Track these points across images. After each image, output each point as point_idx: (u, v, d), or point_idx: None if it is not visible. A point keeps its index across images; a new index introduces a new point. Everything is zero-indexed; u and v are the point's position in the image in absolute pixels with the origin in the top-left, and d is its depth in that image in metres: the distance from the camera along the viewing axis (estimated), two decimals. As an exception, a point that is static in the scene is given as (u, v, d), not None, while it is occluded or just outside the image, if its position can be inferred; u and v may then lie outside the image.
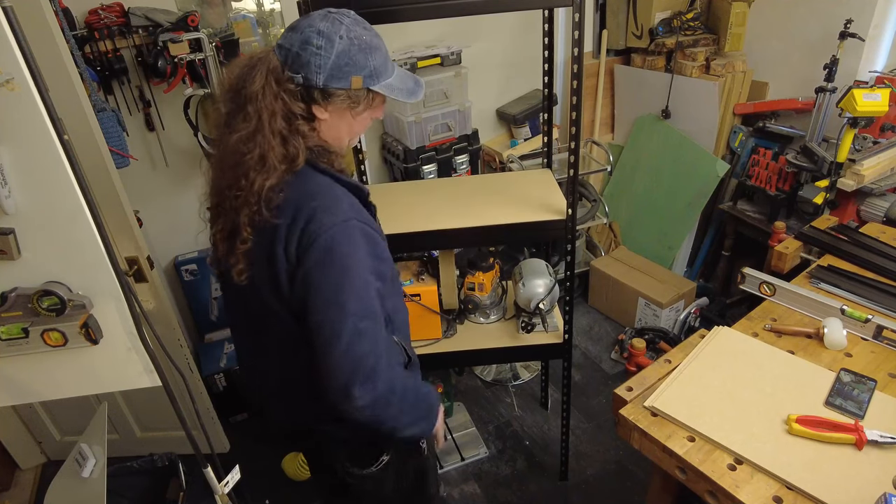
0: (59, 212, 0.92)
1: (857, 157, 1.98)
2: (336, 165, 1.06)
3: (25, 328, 0.98)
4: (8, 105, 0.83)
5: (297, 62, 0.97)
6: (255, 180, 0.96)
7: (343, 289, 0.96)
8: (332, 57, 0.97)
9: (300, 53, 0.96)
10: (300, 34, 0.97)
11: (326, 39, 0.96)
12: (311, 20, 0.98)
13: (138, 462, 1.72)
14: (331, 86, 0.99)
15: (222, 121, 1.02)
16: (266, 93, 0.96)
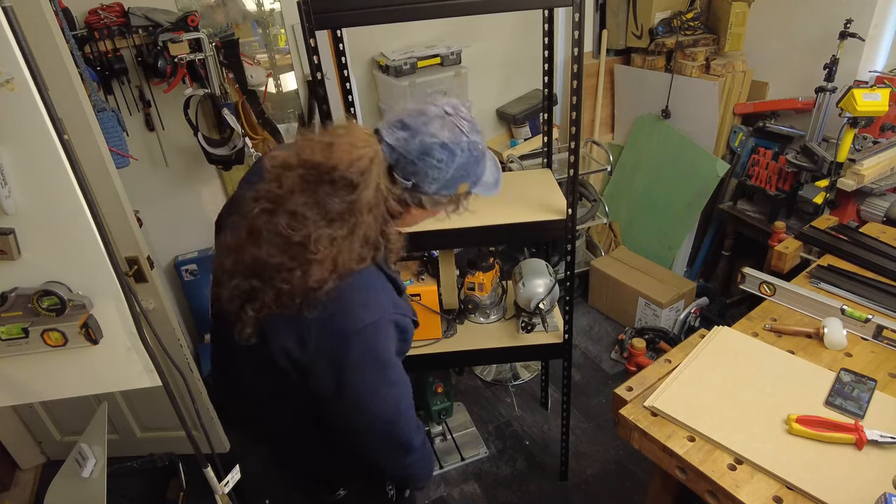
0: (59, 212, 0.92)
1: (857, 157, 1.98)
2: (390, 259, 1.00)
3: (25, 328, 0.98)
4: (8, 105, 0.83)
5: (412, 170, 0.91)
6: (313, 275, 0.86)
7: (380, 384, 0.95)
8: (451, 171, 0.92)
9: (417, 163, 0.90)
10: (418, 141, 0.90)
11: (448, 153, 0.91)
12: (430, 124, 0.90)
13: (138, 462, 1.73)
14: (440, 194, 0.95)
15: (292, 187, 0.86)
16: (375, 202, 0.88)
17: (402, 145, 0.90)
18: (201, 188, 2.40)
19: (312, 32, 1.31)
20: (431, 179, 0.92)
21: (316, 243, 0.85)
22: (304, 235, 0.85)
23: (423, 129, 0.90)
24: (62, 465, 1.36)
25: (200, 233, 2.47)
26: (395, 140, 0.91)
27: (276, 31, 2.29)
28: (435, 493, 2.10)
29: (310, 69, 1.37)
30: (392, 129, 0.92)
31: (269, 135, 2.16)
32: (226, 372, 1.20)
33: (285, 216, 0.85)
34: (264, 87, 2.17)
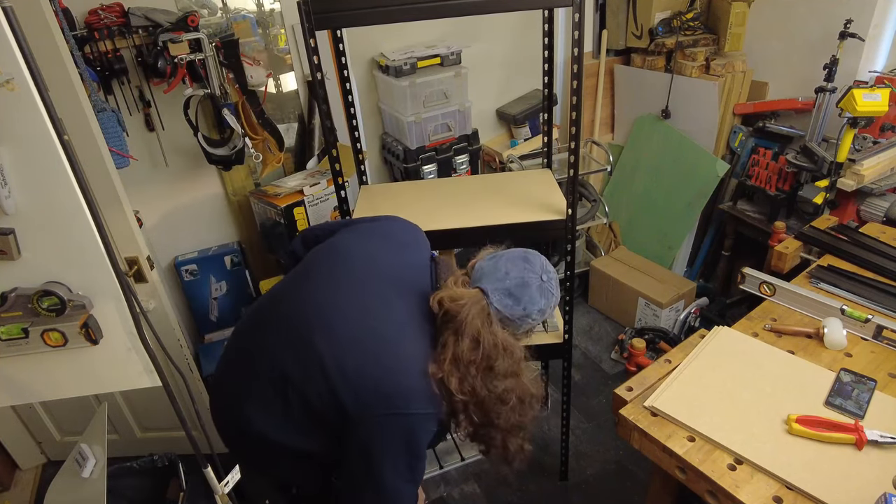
0: (59, 212, 0.92)
1: (857, 157, 1.98)
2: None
3: (25, 328, 0.98)
4: (8, 105, 0.83)
5: (510, 325, 1.11)
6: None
7: (404, 469, 1.06)
8: (535, 322, 1.14)
9: (518, 322, 1.11)
10: (522, 308, 1.10)
11: (541, 314, 1.13)
12: (532, 295, 1.10)
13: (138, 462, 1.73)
14: (524, 329, 1.16)
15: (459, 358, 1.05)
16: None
17: (507, 311, 1.09)
18: (201, 188, 2.40)
19: (312, 32, 1.31)
20: (524, 330, 1.15)
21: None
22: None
23: (527, 301, 1.10)
24: (62, 466, 1.36)
25: (200, 233, 2.47)
26: (503, 306, 1.09)
27: (276, 32, 2.29)
28: (435, 493, 2.10)
29: (310, 69, 1.37)
30: (499, 295, 1.09)
31: (269, 135, 2.16)
32: (231, 382, 1.20)
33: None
34: (264, 87, 2.17)
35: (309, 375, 1.02)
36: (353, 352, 1.03)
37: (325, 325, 1.06)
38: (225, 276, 2.50)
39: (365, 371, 1.01)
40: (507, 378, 1.07)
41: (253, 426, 1.07)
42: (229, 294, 2.54)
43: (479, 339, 1.04)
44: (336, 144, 1.50)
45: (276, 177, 2.41)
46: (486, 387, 1.05)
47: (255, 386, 1.09)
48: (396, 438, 1.01)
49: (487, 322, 1.06)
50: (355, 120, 1.75)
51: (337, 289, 1.12)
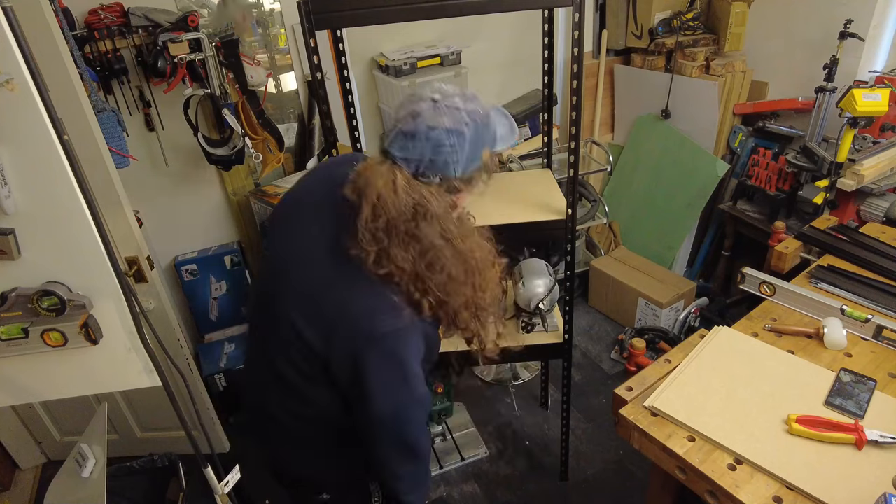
0: (58, 212, 0.92)
1: (857, 157, 1.98)
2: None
3: (25, 328, 0.98)
4: (8, 105, 0.83)
5: (434, 167, 0.93)
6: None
7: (401, 387, 0.98)
8: (467, 147, 0.94)
9: (434, 159, 0.93)
10: (424, 140, 0.92)
11: (457, 134, 0.92)
12: (425, 119, 0.92)
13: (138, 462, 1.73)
14: (469, 171, 0.97)
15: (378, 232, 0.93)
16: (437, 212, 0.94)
17: (413, 153, 0.93)
18: (201, 188, 2.40)
19: (312, 32, 1.31)
20: (454, 164, 0.94)
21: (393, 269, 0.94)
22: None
23: (423, 128, 0.92)
24: (62, 466, 1.36)
25: (200, 233, 2.47)
26: (404, 152, 0.93)
27: (276, 31, 2.29)
28: (435, 493, 2.10)
29: (310, 69, 1.37)
30: (396, 143, 0.94)
31: (269, 135, 2.16)
32: (254, 358, 1.21)
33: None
34: (264, 87, 2.17)
35: (289, 344, 1.00)
36: (305, 306, 0.99)
37: (283, 289, 1.03)
38: (225, 275, 2.50)
39: (321, 321, 0.97)
40: (436, 244, 0.94)
41: (280, 412, 1.09)
42: (229, 294, 2.54)
43: (383, 201, 0.91)
44: (336, 144, 1.50)
45: (276, 177, 2.41)
46: (414, 257, 0.94)
47: (267, 373, 1.10)
48: (384, 369, 0.96)
49: (392, 181, 0.91)
50: (355, 120, 1.75)
51: (286, 245, 1.07)
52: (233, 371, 2.37)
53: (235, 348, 2.48)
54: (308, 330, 0.98)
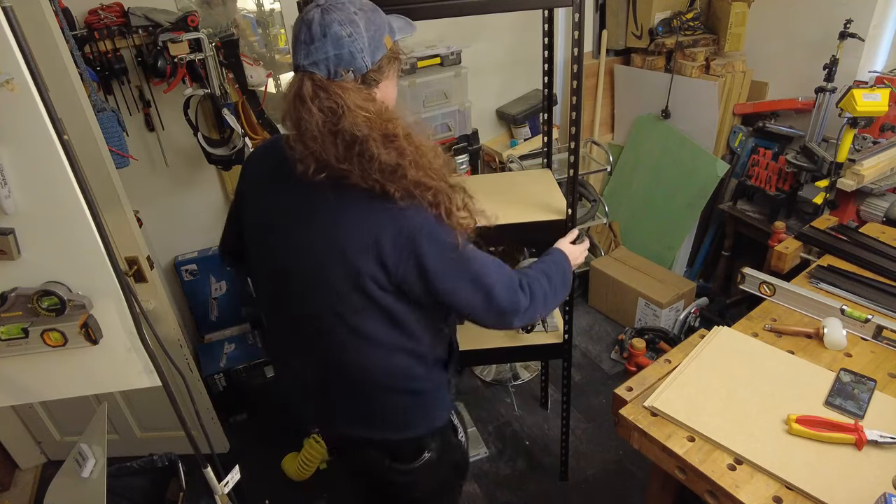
0: (58, 212, 0.92)
1: (857, 157, 1.98)
2: None
3: (25, 328, 0.98)
4: (8, 105, 0.83)
5: (340, 63, 0.95)
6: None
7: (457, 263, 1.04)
8: (364, 33, 0.96)
9: (339, 54, 0.94)
10: (321, 39, 0.93)
11: (348, 23, 0.94)
12: (316, 24, 0.94)
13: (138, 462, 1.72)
14: (377, 60, 0.99)
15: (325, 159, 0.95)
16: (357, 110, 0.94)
17: (317, 56, 0.94)
18: (201, 188, 2.40)
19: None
20: (359, 53, 0.96)
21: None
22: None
23: (318, 29, 0.94)
24: (62, 465, 1.36)
25: (200, 233, 2.47)
26: (309, 59, 0.95)
27: (276, 32, 2.29)
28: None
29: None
30: (300, 54, 0.96)
31: (268, 135, 2.16)
32: (292, 353, 1.20)
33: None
34: (264, 87, 2.17)
35: (352, 297, 1.02)
36: (346, 258, 1.00)
37: (311, 265, 1.04)
38: (225, 275, 2.50)
39: (364, 259, 0.99)
40: (360, 134, 0.93)
41: (364, 371, 1.11)
42: (229, 294, 2.54)
43: (297, 108, 0.94)
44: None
45: (276, 177, 2.40)
46: (345, 153, 0.94)
47: (338, 345, 1.09)
48: (437, 255, 1.00)
49: (299, 87, 0.94)
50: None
51: (281, 230, 1.09)
52: (232, 371, 2.37)
53: (235, 348, 2.48)
54: (364, 276, 0.99)
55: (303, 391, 1.24)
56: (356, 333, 1.07)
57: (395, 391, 1.16)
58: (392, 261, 0.98)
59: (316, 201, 1.01)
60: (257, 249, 1.15)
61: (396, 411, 1.18)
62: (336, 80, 0.95)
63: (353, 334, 1.07)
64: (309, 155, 0.95)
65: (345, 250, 0.99)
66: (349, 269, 0.99)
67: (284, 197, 1.06)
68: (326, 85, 0.94)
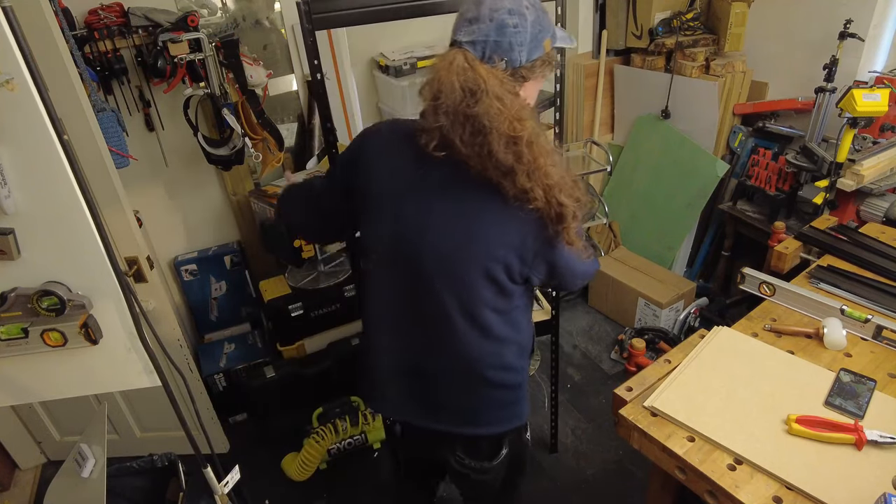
0: (58, 212, 0.92)
1: (857, 158, 1.98)
2: None
3: (25, 328, 0.98)
4: (7, 105, 0.83)
5: (499, 50, 0.95)
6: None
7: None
8: (530, 29, 0.96)
9: (499, 40, 0.95)
10: (488, 21, 0.94)
11: (518, 15, 0.95)
12: (486, 6, 0.95)
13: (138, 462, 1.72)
14: (532, 59, 0.99)
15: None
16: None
17: (478, 36, 0.95)
18: (201, 188, 2.40)
19: (312, 32, 1.31)
20: (518, 47, 0.96)
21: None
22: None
23: (486, 11, 0.95)
24: (62, 466, 1.36)
25: (200, 233, 2.47)
26: (469, 37, 0.96)
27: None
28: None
29: (310, 69, 1.37)
30: (462, 30, 0.97)
31: (268, 135, 2.16)
32: (409, 349, 1.18)
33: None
34: (264, 87, 2.17)
35: (482, 289, 1.06)
36: (483, 255, 1.04)
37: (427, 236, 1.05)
38: (225, 275, 2.50)
39: (496, 256, 1.03)
40: (492, 125, 0.93)
41: (475, 361, 1.13)
42: (229, 294, 2.54)
43: (441, 81, 0.93)
44: (336, 144, 1.50)
45: (276, 177, 2.41)
46: (471, 139, 0.94)
47: (456, 333, 1.10)
48: (564, 253, 1.06)
49: (451, 62, 0.94)
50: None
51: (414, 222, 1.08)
52: (232, 371, 2.37)
53: (235, 348, 2.48)
54: (498, 267, 1.03)
55: (399, 377, 1.20)
56: (475, 323, 1.09)
57: (499, 385, 1.17)
58: (528, 256, 1.04)
59: (459, 187, 1.02)
60: (381, 225, 1.10)
61: (494, 406, 1.19)
62: (487, 65, 0.95)
63: (472, 323, 1.09)
64: (436, 129, 0.96)
65: (487, 240, 1.02)
66: (485, 259, 1.02)
67: (425, 177, 1.04)
68: (476, 66, 0.94)
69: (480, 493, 1.38)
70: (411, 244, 1.06)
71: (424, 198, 1.05)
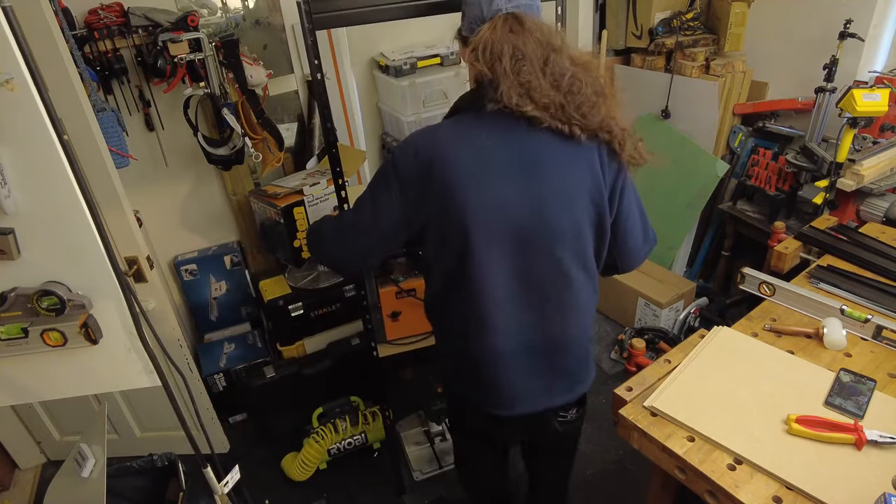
0: (58, 212, 0.92)
1: (857, 158, 1.98)
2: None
3: (25, 328, 0.98)
4: (7, 105, 0.83)
5: (533, 11, 1.10)
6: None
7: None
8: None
9: (531, 3, 1.10)
10: None
11: None
12: None
13: (138, 462, 1.72)
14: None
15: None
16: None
17: (520, 1, 1.09)
18: (201, 188, 2.40)
19: (312, 32, 1.31)
20: (539, 9, 1.13)
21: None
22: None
23: None
24: (62, 465, 1.36)
25: (200, 232, 2.47)
26: (513, 3, 1.09)
27: (275, 31, 2.29)
28: (434, 494, 2.10)
29: (310, 69, 1.37)
30: (501, 1, 1.09)
31: (268, 134, 2.16)
32: (531, 327, 1.19)
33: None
34: (264, 86, 2.17)
35: (585, 240, 1.15)
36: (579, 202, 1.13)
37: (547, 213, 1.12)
38: (225, 275, 2.50)
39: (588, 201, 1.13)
40: (570, 69, 1.07)
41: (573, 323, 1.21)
42: (229, 294, 2.54)
43: (522, 37, 1.05)
44: (336, 144, 1.50)
45: (276, 176, 2.41)
46: (556, 85, 1.06)
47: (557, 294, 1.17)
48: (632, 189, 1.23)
49: (523, 22, 1.07)
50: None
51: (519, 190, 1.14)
52: (232, 371, 2.37)
53: (235, 348, 2.48)
54: (588, 216, 1.13)
55: (528, 364, 1.21)
56: (588, 274, 1.19)
57: (590, 341, 1.28)
58: (607, 187, 1.13)
59: (534, 150, 1.09)
60: (486, 225, 1.10)
61: (588, 363, 1.29)
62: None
63: (587, 275, 1.18)
64: (518, 86, 1.04)
65: (582, 188, 1.11)
66: (589, 204, 1.12)
67: (502, 154, 1.10)
68: (539, 22, 1.08)
69: (569, 446, 1.46)
70: (520, 222, 1.10)
71: (513, 175, 1.10)
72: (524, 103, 1.04)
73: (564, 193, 1.10)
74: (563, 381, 1.26)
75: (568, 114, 1.06)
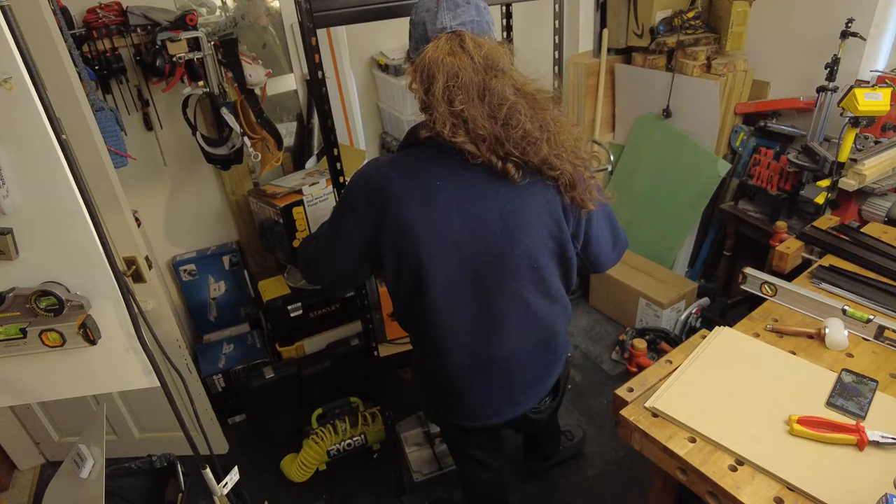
0: (57, 212, 0.91)
1: (859, 157, 1.98)
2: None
3: (23, 328, 0.98)
4: (6, 104, 0.83)
5: (479, 30, 1.02)
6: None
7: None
8: (487, 8, 1.06)
9: (478, 20, 1.02)
10: (468, 5, 1.01)
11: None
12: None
13: (137, 463, 1.72)
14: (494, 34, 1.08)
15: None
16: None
17: (464, 18, 1.03)
18: (200, 188, 2.39)
19: (313, 31, 1.30)
20: (490, 25, 1.06)
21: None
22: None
23: None
24: (60, 466, 1.36)
25: (199, 233, 2.47)
26: (457, 20, 1.03)
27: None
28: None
29: (309, 69, 1.37)
30: (444, 17, 1.04)
31: (267, 134, 2.16)
32: (486, 343, 1.20)
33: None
34: (263, 86, 2.17)
35: (538, 267, 1.13)
36: (531, 235, 1.11)
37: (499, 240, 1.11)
38: (224, 276, 2.49)
39: (545, 236, 1.13)
40: (510, 98, 1.02)
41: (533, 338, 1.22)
42: (228, 294, 2.54)
43: (452, 63, 1.00)
44: (336, 144, 1.49)
45: (275, 176, 2.40)
46: (490, 115, 1.01)
47: (516, 318, 1.17)
48: (602, 217, 1.21)
49: (458, 44, 1.01)
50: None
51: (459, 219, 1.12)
52: (231, 372, 2.37)
53: (234, 349, 2.48)
54: (547, 249, 1.11)
55: (477, 377, 1.23)
56: (548, 296, 1.18)
57: (561, 341, 1.30)
58: (570, 216, 1.12)
59: (482, 182, 1.05)
60: (440, 261, 1.10)
61: (558, 361, 1.33)
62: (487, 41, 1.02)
63: (546, 297, 1.18)
64: (448, 116, 0.97)
65: (539, 222, 1.09)
66: (547, 238, 1.11)
67: (457, 195, 1.06)
68: (483, 42, 0.99)
69: (547, 416, 1.47)
70: (475, 259, 1.09)
71: (465, 213, 1.06)
72: (456, 133, 0.97)
73: (518, 229, 1.06)
74: (525, 392, 1.27)
75: (506, 149, 0.98)
